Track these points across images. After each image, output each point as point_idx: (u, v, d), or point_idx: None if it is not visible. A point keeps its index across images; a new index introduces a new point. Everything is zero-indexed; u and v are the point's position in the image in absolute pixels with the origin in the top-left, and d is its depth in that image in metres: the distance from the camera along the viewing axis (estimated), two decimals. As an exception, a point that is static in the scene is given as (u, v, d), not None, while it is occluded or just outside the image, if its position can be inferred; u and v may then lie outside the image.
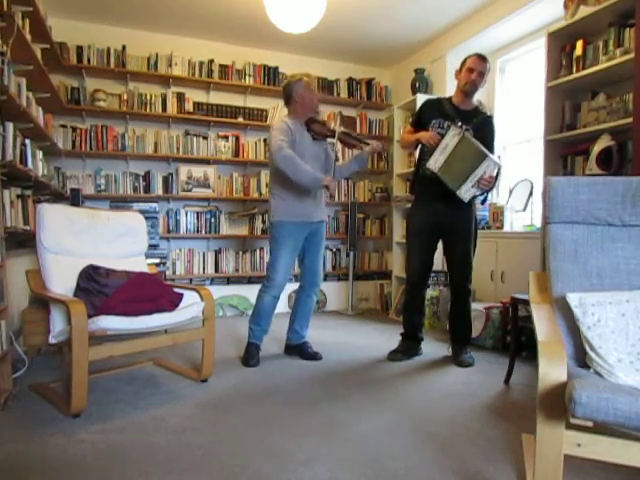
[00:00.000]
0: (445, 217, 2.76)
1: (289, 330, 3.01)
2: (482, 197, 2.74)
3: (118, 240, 2.63)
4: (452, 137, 2.60)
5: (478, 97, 4.16)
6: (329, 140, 2.97)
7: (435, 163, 2.63)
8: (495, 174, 2.58)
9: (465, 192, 2.61)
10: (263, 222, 4.51)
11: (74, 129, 3.96)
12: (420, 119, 2.87)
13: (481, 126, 2.71)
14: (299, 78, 2.83)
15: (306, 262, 2.95)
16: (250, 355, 2.79)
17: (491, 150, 2.71)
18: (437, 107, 2.82)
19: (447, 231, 2.80)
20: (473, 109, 2.81)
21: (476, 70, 2.69)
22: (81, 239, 2.47)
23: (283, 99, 2.91)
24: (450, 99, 2.83)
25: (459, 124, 2.62)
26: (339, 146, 2.89)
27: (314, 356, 2.89)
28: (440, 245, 2.92)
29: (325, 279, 4.74)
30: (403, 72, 4.86)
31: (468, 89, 2.74)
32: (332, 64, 4.90)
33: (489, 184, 2.59)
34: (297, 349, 2.97)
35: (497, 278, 3.50)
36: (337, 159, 3.40)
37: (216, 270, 4.37)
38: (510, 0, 3.46)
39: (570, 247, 1.71)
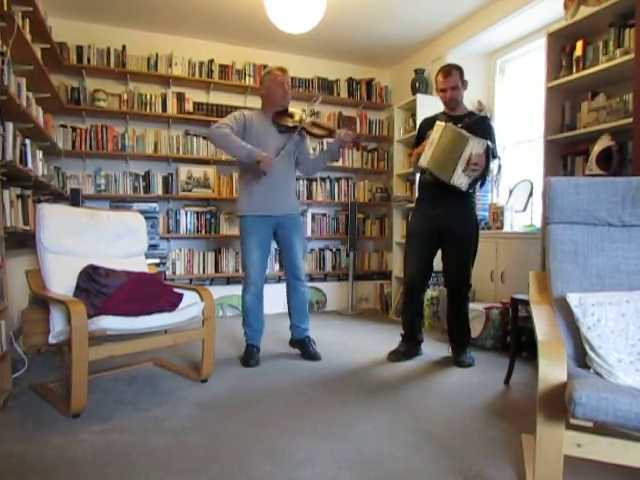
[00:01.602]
0: (445, 221, 2.75)
1: (290, 326, 3.02)
2: (480, 182, 2.66)
3: (118, 240, 2.63)
4: (436, 131, 2.63)
5: (478, 97, 4.17)
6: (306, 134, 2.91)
7: (424, 159, 2.65)
8: (483, 152, 2.54)
9: (458, 179, 2.56)
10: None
11: (74, 129, 3.96)
12: (419, 138, 2.91)
13: (474, 125, 2.70)
14: (269, 70, 2.86)
15: (283, 256, 2.95)
16: (249, 355, 2.79)
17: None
18: (432, 121, 2.83)
19: (446, 236, 2.78)
20: (466, 113, 2.82)
21: (447, 89, 2.73)
22: (81, 239, 2.47)
23: None
24: (443, 111, 2.87)
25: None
26: (293, 138, 2.81)
27: (314, 356, 2.89)
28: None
29: (325, 279, 4.77)
30: (403, 72, 4.86)
31: (451, 105, 2.79)
32: (332, 64, 4.90)
33: (479, 165, 2.53)
34: (300, 344, 2.98)
35: (497, 278, 3.50)
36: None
37: (216, 270, 4.37)
38: (510, 0, 3.46)
39: (570, 247, 1.71)
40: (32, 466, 1.57)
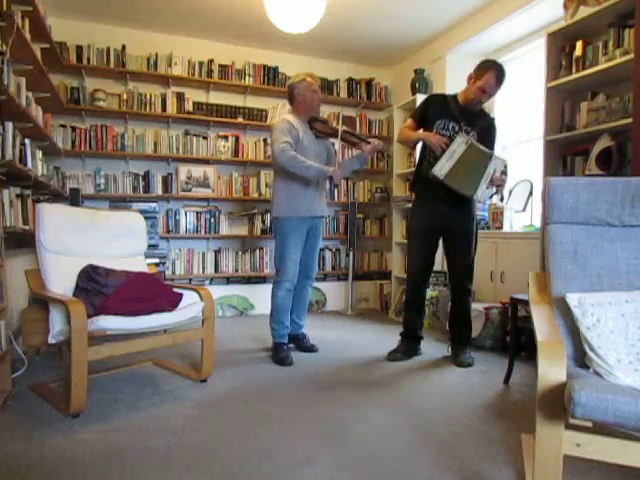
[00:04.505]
0: (445, 218, 2.76)
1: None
2: (497, 195, 2.85)
3: (118, 240, 2.63)
4: (459, 144, 2.59)
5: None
6: (331, 139, 3.04)
7: (441, 170, 2.60)
8: (504, 169, 2.64)
9: (481, 194, 2.66)
10: (263, 222, 4.51)
11: (74, 129, 3.95)
12: (425, 115, 2.80)
13: (485, 129, 2.73)
14: (302, 78, 2.91)
15: (302, 256, 2.98)
16: (284, 354, 2.80)
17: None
18: (443, 106, 2.77)
19: (447, 232, 2.80)
20: (479, 111, 2.79)
21: (488, 93, 2.65)
22: (81, 239, 2.47)
23: (288, 98, 2.99)
24: (456, 97, 2.78)
25: (465, 129, 2.69)
26: (337, 145, 2.92)
27: (311, 348, 2.98)
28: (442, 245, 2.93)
29: (325, 279, 4.77)
30: (403, 72, 4.86)
31: (475, 104, 2.72)
32: (332, 64, 4.90)
33: (502, 181, 2.65)
34: (295, 340, 3.03)
35: (497, 278, 3.50)
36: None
37: (216, 270, 4.37)
38: (510, 0, 3.46)
39: (569, 247, 1.71)
40: (31, 466, 1.57)
